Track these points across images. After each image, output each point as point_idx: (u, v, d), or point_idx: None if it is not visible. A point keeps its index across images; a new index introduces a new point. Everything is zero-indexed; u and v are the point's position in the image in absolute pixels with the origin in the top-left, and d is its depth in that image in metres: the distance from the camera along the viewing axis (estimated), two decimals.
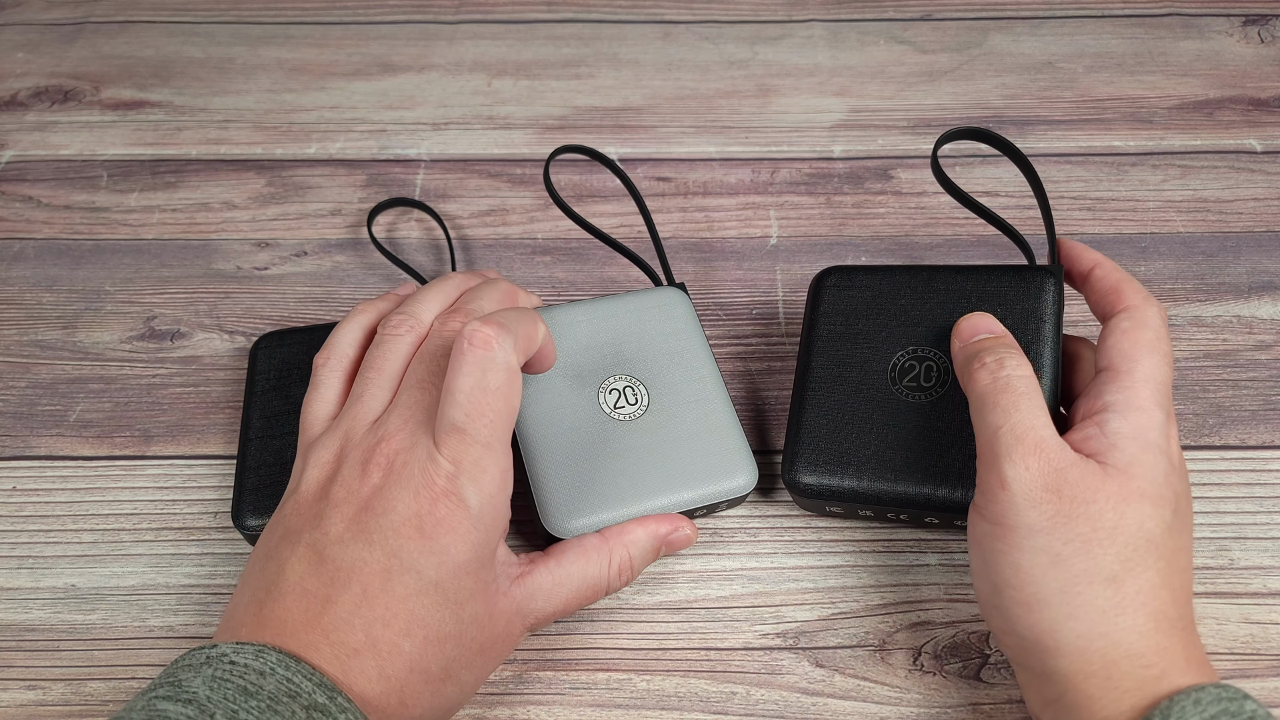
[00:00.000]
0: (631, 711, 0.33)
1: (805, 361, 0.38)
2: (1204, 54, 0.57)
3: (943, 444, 0.34)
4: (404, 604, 0.28)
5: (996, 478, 0.29)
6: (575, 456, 0.35)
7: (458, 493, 0.29)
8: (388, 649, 0.28)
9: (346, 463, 0.31)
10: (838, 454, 0.35)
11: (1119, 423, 0.30)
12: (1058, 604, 0.28)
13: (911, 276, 0.37)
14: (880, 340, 0.37)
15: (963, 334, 0.34)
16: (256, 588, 0.29)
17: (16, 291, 0.46)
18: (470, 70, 0.57)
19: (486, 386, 0.29)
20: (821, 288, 0.39)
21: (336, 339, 0.36)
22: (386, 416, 0.32)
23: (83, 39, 0.59)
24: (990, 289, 0.36)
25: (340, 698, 0.26)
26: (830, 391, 0.36)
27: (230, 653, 0.27)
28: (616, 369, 0.37)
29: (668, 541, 0.34)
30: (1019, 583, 0.29)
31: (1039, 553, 0.28)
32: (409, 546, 0.29)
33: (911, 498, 0.34)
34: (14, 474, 0.40)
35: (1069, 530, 0.28)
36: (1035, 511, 0.28)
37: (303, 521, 0.30)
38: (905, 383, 0.36)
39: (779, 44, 0.58)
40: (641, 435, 0.36)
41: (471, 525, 0.29)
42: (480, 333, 0.30)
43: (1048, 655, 0.28)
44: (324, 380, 0.35)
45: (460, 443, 0.29)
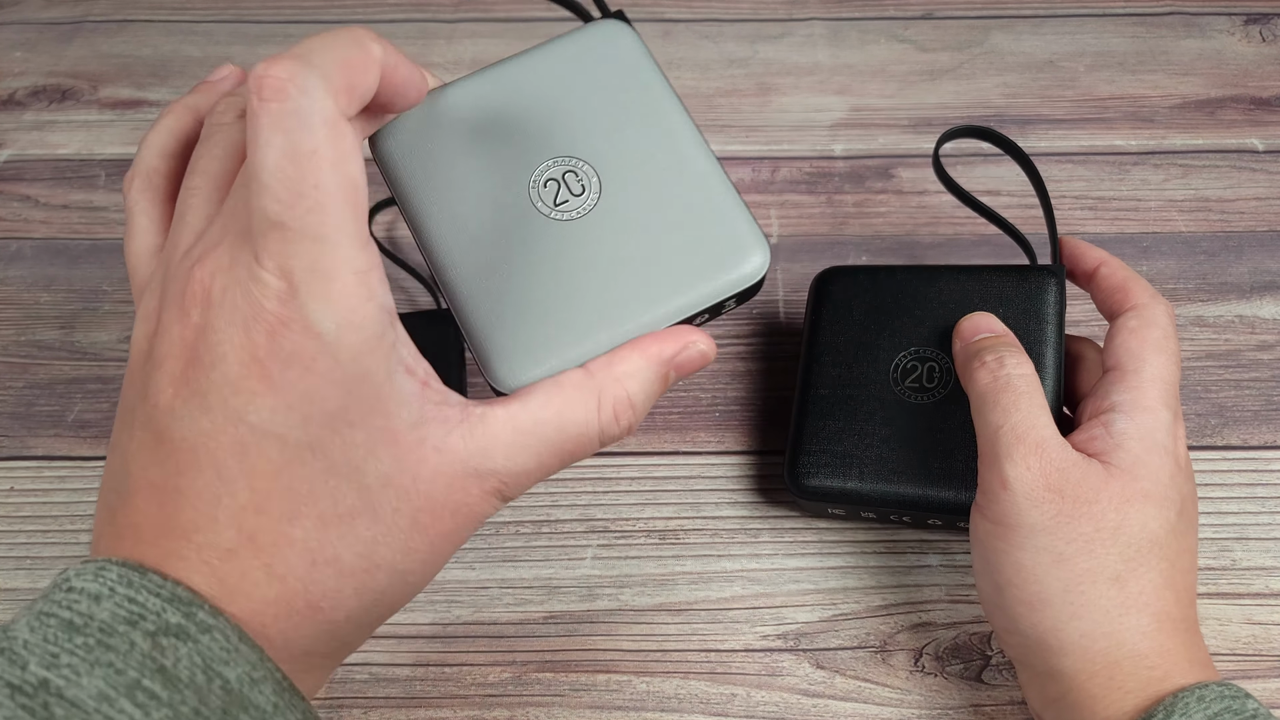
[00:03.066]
0: (631, 713, 0.33)
1: (807, 363, 0.37)
2: (1205, 53, 0.56)
3: (946, 445, 0.34)
4: (273, 480, 0.22)
5: (997, 477, 0.29)
6: (514, 281, 0.26)
7: (299, 318, 0.21)
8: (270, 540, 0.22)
9: (165, 303, 0.23)
10: (840, 456, 0.35)
11: (1125, 423, 0.30)
12: (1061, 603, 0.28)
13: (913, 277, 0.37)
14: (882, 341, 0.37)
15: (964, 334, 0.34)
16: (106, 491, 0.24)
17: (14, 291, 0.46)
18: (469, 68, 0.56)
19: (297, 153, 0.21)
20: (822, 288, 0.39)
21: (141, 151, 0.27)
22: (207, 229, 0.24)
23: (80, 38, 0.59)
24: (992, 289, 0.36)
25: (201, 612, 0.21)
26: (832, 393, 0.36)
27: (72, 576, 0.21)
28: (549, 151, 0.27)
29: (676, 364, 0.25)
30: (1021, 582, 0.28)
31: (1041, 552, 0.28)
32: (257, 404, 0.21)
33: (914, 500, 0.34)
34: (12, 474, 0.40)
35: (1071, 530, 0.28)
36: (1037, 511, 0.28)
37: (134, 394, 0.24)
38: (907, 383, 0.35)
39: (779, 42, 0.58)
40: (600, 233, 0.26)
41: (332, 359, 0.22)
42: (269, 78, 0.20)
43: (1050, 654, 0.28)
44: (133, 207, 0.27)
45: (283, 242, 0.21)
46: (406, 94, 0.25)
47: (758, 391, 0.42)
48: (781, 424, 0.41)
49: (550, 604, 0.36)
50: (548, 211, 0.26)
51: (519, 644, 0.35)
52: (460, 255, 0.26)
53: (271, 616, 0.22)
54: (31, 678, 0.19)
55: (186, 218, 0.25)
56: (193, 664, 0.20)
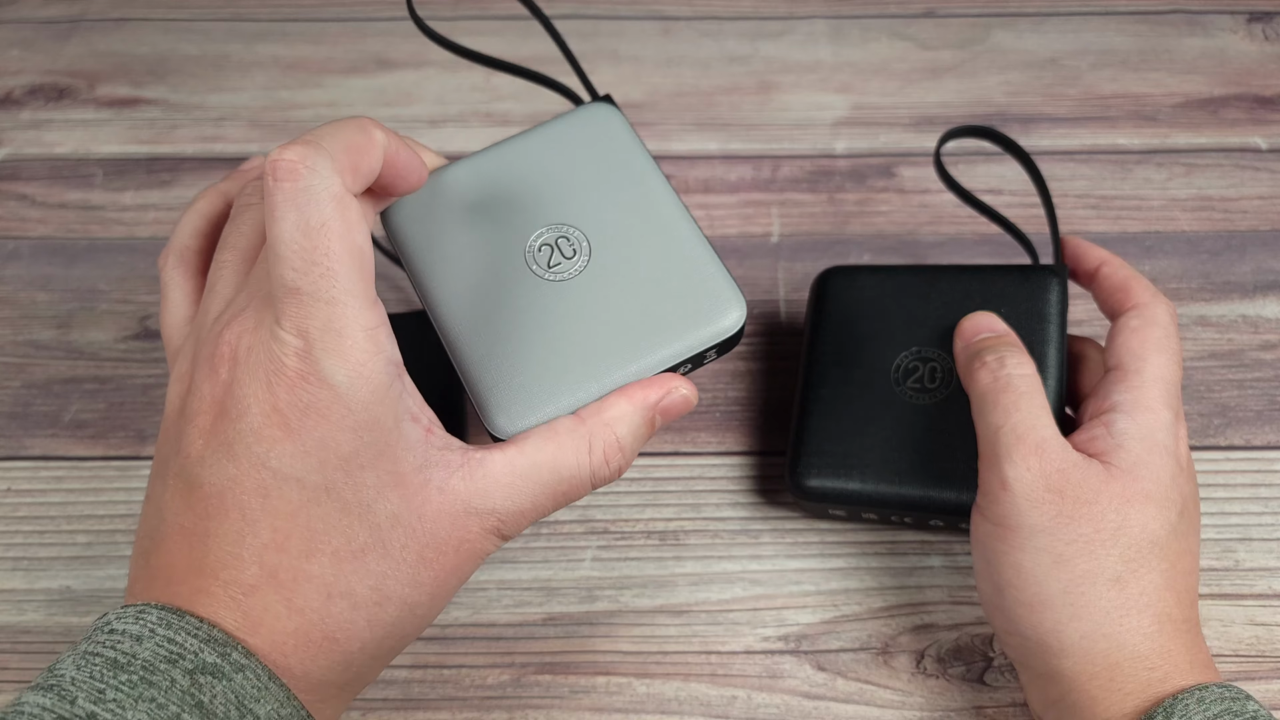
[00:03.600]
0: (631, 715, 0.33)
1: (808, 363, 0.37)
2: (1208, 51, 0.56)
3: (947, 446, 0.34)
4: (292, 520, 0.24)
5: (997, 478, 0.29)
6: (511, 337, 0.28)
7: (315, 371, 0.23)
8: (290, 576, 0.24)
9: (197, 364, 0.26)
10: (841, 457, 0.35)
11: (1126, 423, 0.29)
12: (1061, 604, 0.28)
13: (914, 276, 0.37)
14: (883, 341, 0.36)
15: (965, 333, 0.33)
16: (142, 537, 0.26)
17: (10, 291, 0.46)
18: (468, 66, 0.56)
19: (309, 226, 0.23)
20: (824, 288, 0.38)
21: (175, 231, 0.30)
22: (234, 298, 0.26)
23: (78, 36, 0.58)
24: (994, 289, 0.36)
25: (235, 653, 0.23)
26: (833, 393, 0.36)
27: (113, 619, 0.23)
28: (543, 220, 0.29)
29: (661, 409, 0.28)
30: (1021, 583, 0.28)
31: (1041, 553, 0.28)
32: (278, 450, 0.24)
33: (915, 501, 0.34)
34: (8, 475, 0.39)
35: (1071, 531, 0.28)
36: (1037, 512, 0.28)
37: (168, 448, 0.26)
38: (909, 384, 0.35)
39: (780, 40, 0.58)
40: (589, 293, 0.28)
41: (345, 408, 0.24)
42: (283, 161, 0.23)
43: (1051, 656, 0.28)
44: (168, 281, 0.29)
45: (299, 305, 0.23)
46: (408, 178, 0.27)
47: (758, 392, 0.42)
48: (782, 424, 0.41)
49: (549, 605, 0.36)
50: (541, 273, 0.29)
51: (518, 646, 0.35)
52: (461, 314, 0.29)
53: (291, 648, 0.24)
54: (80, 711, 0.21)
55: (217, 288, 0.27)
56: (227, 700, 0.22)
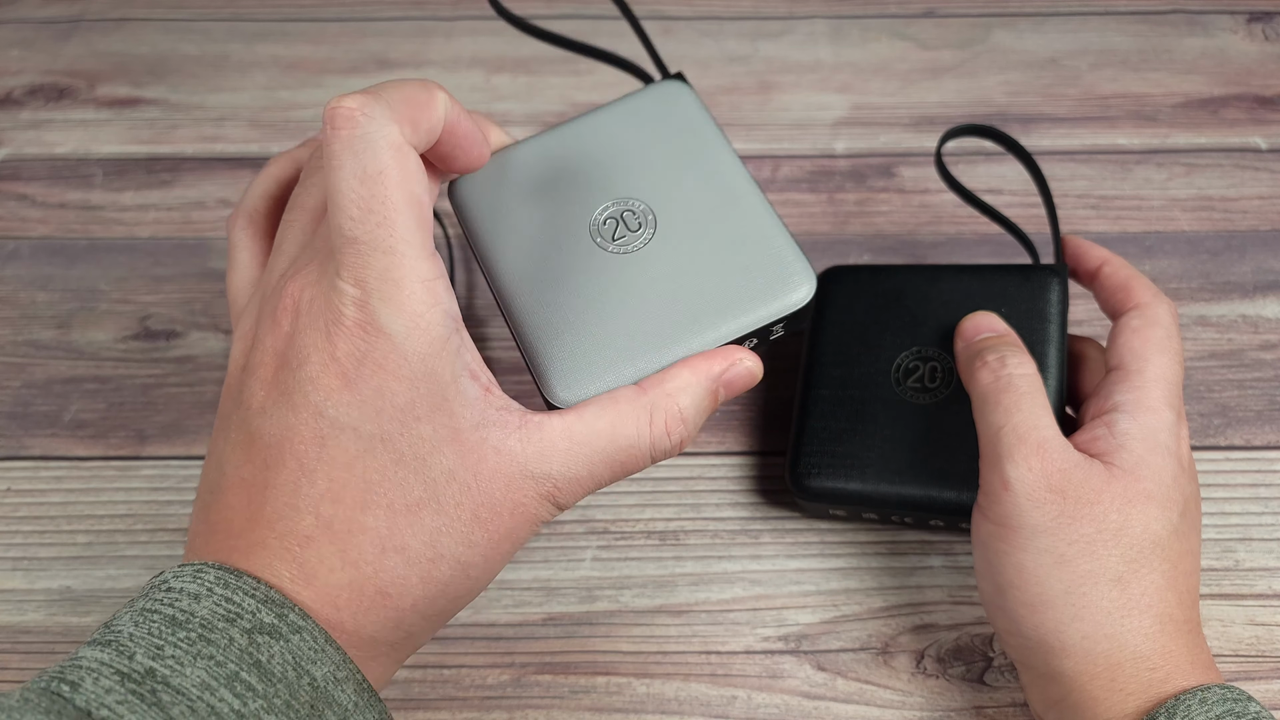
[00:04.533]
0: (631, 716, 0.33)
1: (808, 363, 0.37)
2: (1209, 51, 0.56)
3: (948, 446, 0.34)
4: (348, 471, 0.24)
5: (999, 478, 0.29)
6: (574, 307, 0.28)
7: (372, 320, 0.23)
8: (345, 528, 0.24)
9: (261, 318, 0.26)
10: (842, 457, 0.35)
11: (1128, 423, 0.29)
12: (1062, 605, 0.28)
13: (915, 276, 0.37)
14: (884, 341, 0.36)
15: (965, 333, 0.33)
16: (202, 493, 0.26)
17: (10, 290, 0.46)
18: (468, 66, 0.56)
19: (366, 174, 0.23)
20: (824, 288, 0.38)
21: (246, 194, 0.31)
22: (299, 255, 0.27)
23: (78, 36, 0.58)
24: (995, 288, 0.36)
25: (292, 614, 0.22)
26: (834, 393, 0.36)
27: (170, 578, 0.23)
28: (609, 194, 0.29)
29: (725, 381, 0.27)
30: (1023, 583, 0.28)
31: (1043, 553, 0.28)
32: (335, 399, 0.24)
33: (916, 501, 0.34)
34: (8, 474, 0.39)
35: (1073, 531, 0.28)
36: (1039, 512, 0.28)
37: (230, 403, 0.26)
38: (909, 384, 0.35)
39: (780, 40, 0.58)
40: (655, 265, 0.28)
41: (401, 358, 0.24)
42: (342, 108, 0.23)
43: (1052, 656, 0.28)
44: (236, 242, 0.30)
45: (357, 255, 0.23)
46: (469, 151, 0.27)
47: (759, 392, 0.42)
48: (782, 425, 0.41)
49: (549, 606, 0.36)
50: (606, 246, 0.29)
51: (518, 646, 0.35)
52: (523, 284, 0.28)
53: (344, 601, 0.23)
54: (139, 666, 0.21)
55: (283, 246, 0.28)
56: (284, 661, 0.22)
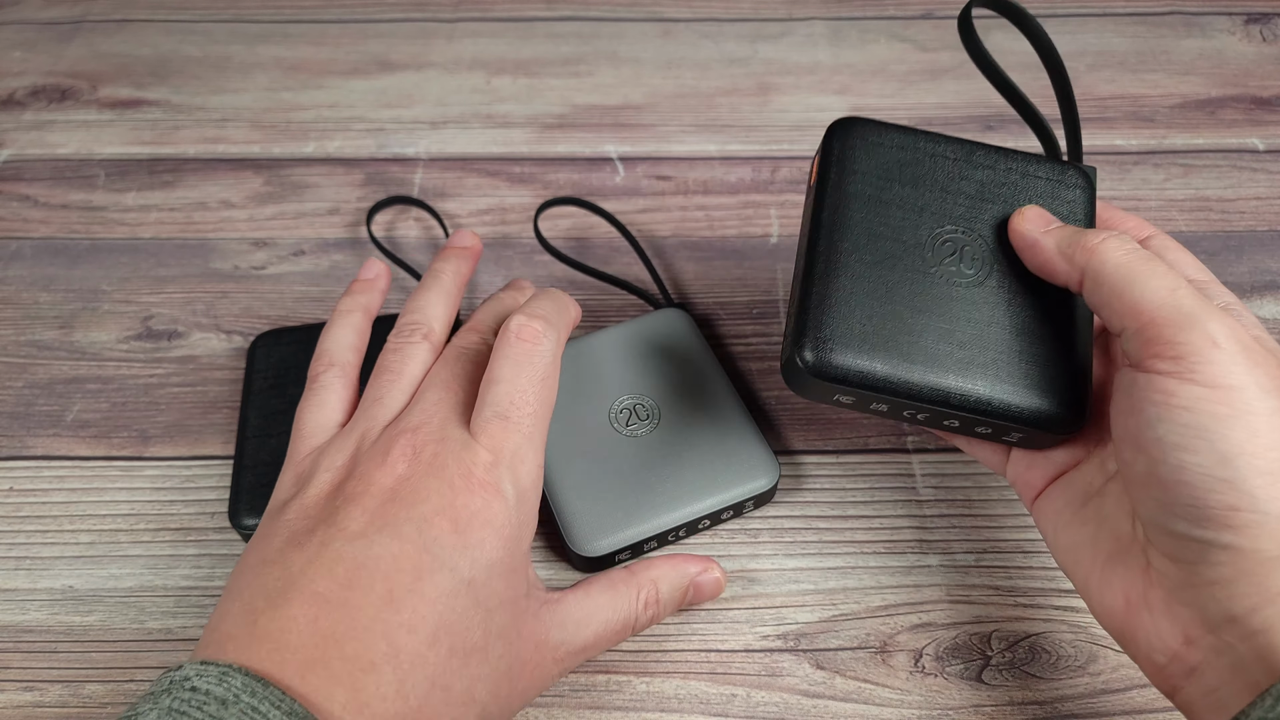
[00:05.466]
0: (631, 714, 0.33)
1: (818, 222, 0.31)
2: (1206, 53, 0.56)
3: (986, 338, 0.30)
4: (434, 606, 0.25)
5: (1204, 337, 0.25)
6: (594, 477, 0.36)
7: (495, 483, 0.28)
8: (410, 660, 0.25)
9: (363, 458, 0.29)
10: (858, 332, 0.30)
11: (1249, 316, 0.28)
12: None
13: (948, 146, 0.33)
14: (915, 210, 0.31)
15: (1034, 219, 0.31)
16: (254, 594, 0.26)
17: (13, 291, 0.46)
18: (469, 68, 0.56)
19: (533, 378, 0.30)
20: (845, 140, 0.32)
21: (331, 344, 0.34)
22: (407, 413, 0.30)
23: (80, 37, 0.59)
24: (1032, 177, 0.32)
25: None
26: (852, 261, 0.31)
27: (193, 675, 0.23)
28: (625, 391, 0.38)
29: (695, 584, 0.33)
30: (1258, 449, 0.24)
31: (1275, 415, 0.25)
32: (443, 540, 0.26)
33: (946, 394, 0.29)
34: (11, 474, 0.40)
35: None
36: (1259, 371, 0.25)
37: (313, 522, 0.27)
38: (945, 264, 0.31)
39: (779, 41, 0.58)
40: (656, 449, 0.37)
41: (506, 520, 0.27)
42: (529, 327, 0.30)
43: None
44: (326, 385, 0.33)
45: (502, 431, 0.29)
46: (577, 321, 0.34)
47: (758, 391, 0.42)
48: (782, 423, 0.41)
49: None
50: (620, 430, 0.37)
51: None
52: (556, 457, 0.36)
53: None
54: None
55: (384, 400, 0.31)
56: None
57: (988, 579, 0.36)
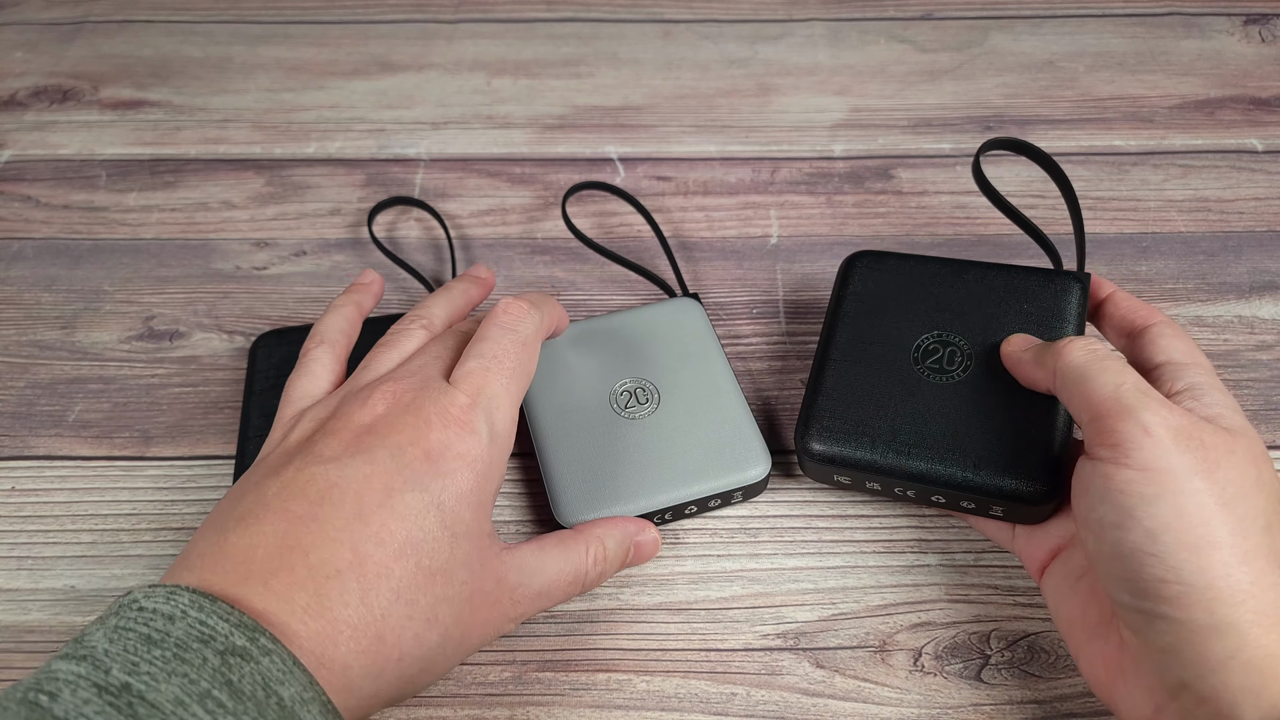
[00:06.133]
0: (631, 713, 0.33)
1: (828, 335, 0.38)
2: (1205, 53, 0.56)
3: (961, 426, 0.34)
4: (403, 522, 0.27)
5: (1136, 427, 0.28)
6: (588, 454, 0.37)
7: (471, 422, 0.29)
8: (376, 570, 0.26)
9: (345, 403, 0.30)
10: (854, 423, 0.35)
11: (1216, 395, 0.30)
12: (1229, 547, 0.27)
13: (942, 267, 0.38)
14: (905, 321, 0.37)
15: (1016, 341, 0.35)
16: (226, 517, 0.27)
17: (15, 291, 0.46)
18: (470, 69, 0.57)
19: (515, 340, 0.32)
20: (851, 269, 0.39)
21: (323, 326, 0.36)
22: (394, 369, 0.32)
23: (81, 38, 0.59)
24: (1019, 286, 0.37)
25: (263, 638, 0.24)
26: (852, 364, 0.37)
27: (141, 598, 0.24)
28: (628, 374, 0.39)
29: (635, 544, 0.34)
30: (1184, 526, 0.27)
31: (1202, 495, 0.27)
32: (416, 465, 0.28)
33: (924, 474, 0.34)
34: (13, 474, 0.40)
35: (1222, 476, 0.27)
36: (1188, 455, 0.28)
37: (291, 455, 0.29)
38: (928, 364, 0.36)
39: (779, 43, 0.58)
40: (653, 432, 0.37)
41: (479, 455, 0.29)
42: (516, 304, 0.33)
43: (1220, 604, 0.26)
44: (315, 359, 0.34)
45: (482, 376, 0.30)
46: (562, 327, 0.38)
47: (757, 391, 0.42)
48: (782, 422, 0.41)
49: None
50: (619, 412, 0.38)
51: (519, 643, 0.35)
52: (553, 432, 0.37)
53: (345, 637, 0.25)
54: (115, 681, 0.22)
55: (373, 367, 0.33)
56: (254, 681, 0.23)
57: (987, 578, 0.36)
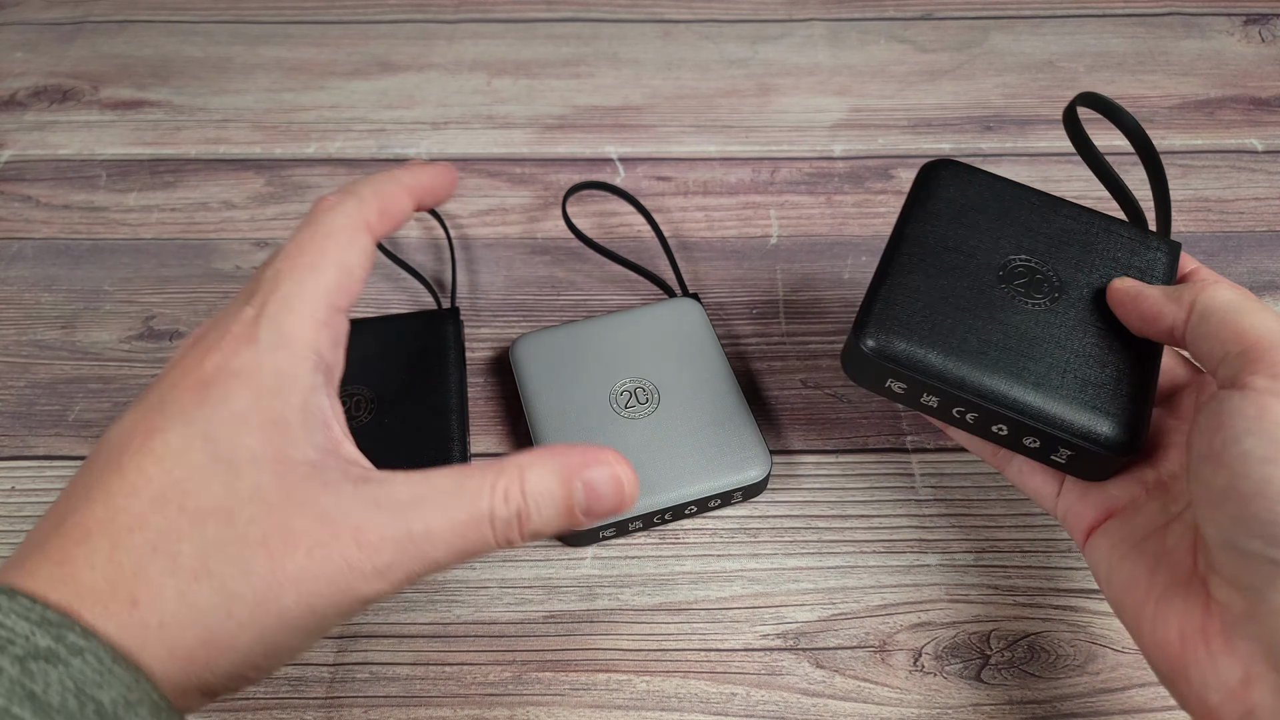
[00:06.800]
0: (631, 713, 0.33)
1: (898, 235, 0.34)
2: (1205, 53, 0.56)
3: (1048, 353, 0.31)
4: (159, 464, 0.23)
5: None
6: None
7: (250, 334, 0.25)
8: (129, 523, 0.22)
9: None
10: (925, 322, 0.31)
11: None
12: None
13: (1035, 196, 0.35)
14: (993, 237, 0.33)
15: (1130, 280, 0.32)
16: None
17: (15, 291, 0.46)
18: (470, 69, 0.57)
19: (315, 232, 0.27)
20: (933, 175, 0.35)
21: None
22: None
23: (81, 38, 0.59)
24: (1115, 237, 0.34)
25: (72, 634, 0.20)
26: (927, 267, 0.33)
27: None
28: (629, 374, 0.39)
29: (586, 479, 0.25)
30: None
31: None
32: (182, 400, 0.24)
33: (998, 395, 0.30)
34: (13, 474, 0.40)
35: None
36: None
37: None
38: (1015, 285, 0.32)
39: (779, 43, 0.58)
40: (652, 432, 0.37)
41: (257, 366, 0.24)
42: (327, 197, 0.28)
43: None
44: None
45: (273, 281, 0.26)
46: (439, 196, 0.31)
47: (757, 392, 0.42)
48: (782, 422, 0.41)
49: (550, 604, 0.36)
50: (619, 411, 0.38)
51: (519, 643, 0.35)
52: (553, 432, 0.37)
53: (91, 602, 0.21)
54: None
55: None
56: (64, 688, 0.20)
57: (987, 578, 0.36)
